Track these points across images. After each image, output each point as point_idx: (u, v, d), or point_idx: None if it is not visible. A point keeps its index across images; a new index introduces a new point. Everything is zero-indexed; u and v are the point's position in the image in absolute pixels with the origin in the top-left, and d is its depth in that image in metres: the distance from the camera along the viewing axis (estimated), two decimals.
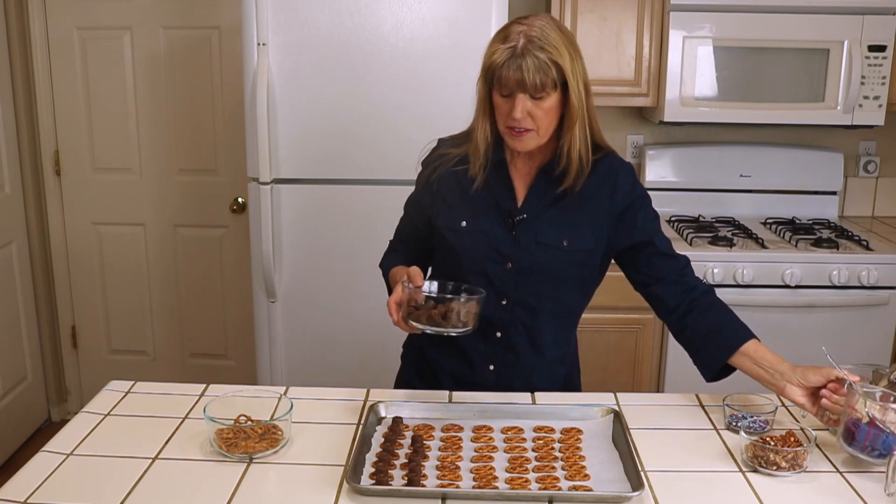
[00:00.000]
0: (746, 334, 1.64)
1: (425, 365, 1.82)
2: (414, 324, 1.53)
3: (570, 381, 1.85)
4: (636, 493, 1.29)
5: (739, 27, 2.90)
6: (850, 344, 2.81)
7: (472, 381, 1.74)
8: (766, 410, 1.54)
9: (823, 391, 1.50)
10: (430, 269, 1.84)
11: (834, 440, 1.49)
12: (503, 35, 1.54)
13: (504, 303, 1.70)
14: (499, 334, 1.72)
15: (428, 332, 1.52)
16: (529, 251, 1.67)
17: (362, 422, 1.56)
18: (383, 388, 1.75)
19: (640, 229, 1.70)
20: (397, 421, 1.55)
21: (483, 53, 1.58)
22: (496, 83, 1.55)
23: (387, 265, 1.82)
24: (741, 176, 3.30)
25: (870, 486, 1.35)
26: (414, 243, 1.82)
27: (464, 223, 1.69)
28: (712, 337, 1.65)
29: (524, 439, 1.51)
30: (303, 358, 2.79)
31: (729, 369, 1.65)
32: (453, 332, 1.52)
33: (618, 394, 1.71)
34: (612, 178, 1.68)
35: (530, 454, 1.46)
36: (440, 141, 1.77)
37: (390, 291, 1.73)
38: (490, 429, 1.54)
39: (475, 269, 1.68)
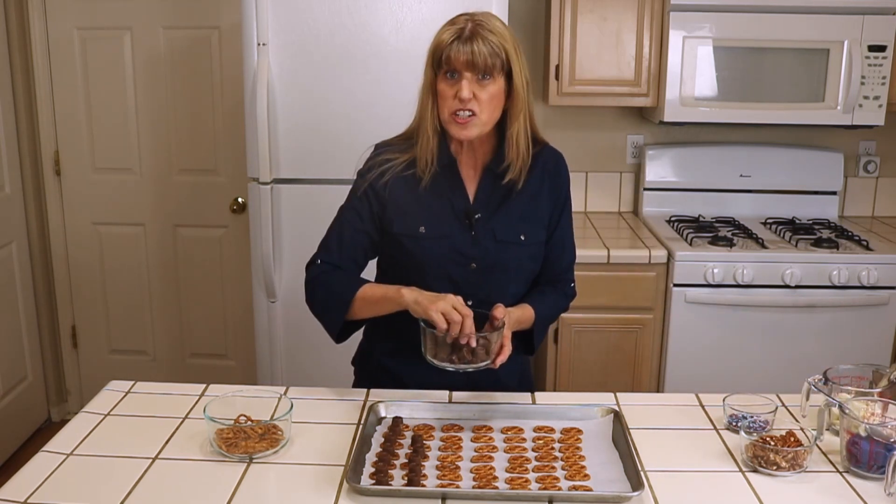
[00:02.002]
0: (530, 302, 1.72)
1: (388, 380, 1.77)
2: (438, 363, 1.51)
3: (524, 370, 1.87)
4: (636, 493, 1.29)
5: (739, 27, 2.90)
6: (850, 344, 2.81)
7: (443, 384, 1.70)
8: (766, 410, 1.54)
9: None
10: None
11: (834, 440, 1.49)
12: (450, 23, 1.59)
13: (469, 303, 1.69)
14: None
15: (449, 369, 1.51)
16: (490, 249, 1.68)
17: (362, 422, 1.56)
18: (383, 388, 1.75)
19: (562, 225, 1.77)
20: (397, 421, 1.55)
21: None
22: (444, 64, 1.57)
23: (347, 288, 1.67)
24: (741, 176, 3.30)
25: (870, 487, 1.35)
26: (356, 252, 1.73)
27: (422, 229, 1.68)
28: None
29: (524, 439, 1.51)
30: (303, 358, 2.79)
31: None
32: (471, 367, 1.51)
33: (618, 394, 1.71)
34: (555, 168, 1.75)
35: (530, 454, 1.46)
36: (378, 147, 1.75)
37: (343, 327, 1.68)
38: (490, 429, 1.54)
39: (440, 275, 1.68)
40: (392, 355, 1.76)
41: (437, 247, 1.68)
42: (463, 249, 1.68)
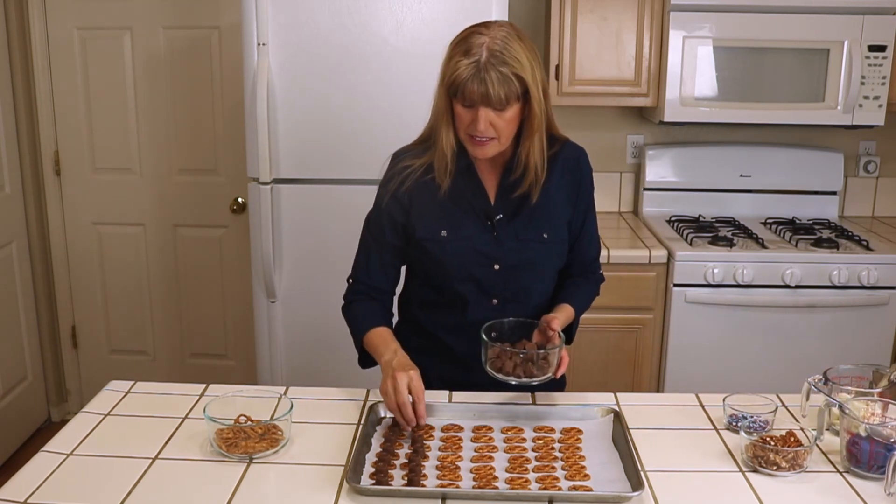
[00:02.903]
0: (567, 300, 1.74)
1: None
2: (502, 377, 1.53)
3: None
4: (636, 493, 1.29)
5: (739, 27, 2.90)
6: (850, 344, 2.81)
7: (469, 384, 1.72)
8: (766, 410, 1.54)
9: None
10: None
11: (834, 440, 1.49)
12: (465, 48, 1.54)
13: (495, 302, 1.70)
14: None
15: (513, 383, 1.53)
16: (513, 249, 1.68)
17: (362, 422, 1.56)
18: None
19: (588, 219, 1.78)
20: (397, 421, 1.55)
21: (442, 60, 1.58)
22: (459, 96, 1.55)
23: (360, 326, 1.73)
24: (741, 176, 3.30)
25: (870, 487, 1.36)
26: (384, 267, 1.76)
27: (444, 232, 1.68)
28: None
29: (524, 439, 1.51)
30: (303, 358, 2.79)
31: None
32: (535, 381, 1.54)
33: (618, 394, 1.71)
34: (576, 165, 1.75)
35: (530, 454, 1.46)
36: (397, 155, 1.75)
37: (364, 356, 1.74)
38: (490, 429, 1.54)
39: (463, 276, 1.69)
40: (422, 354, 1.76)
41: (460, 249, 1.68)
42: (485, 251, 1.68)
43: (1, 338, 3.22)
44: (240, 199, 3.39)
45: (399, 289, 1.85)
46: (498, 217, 1.68)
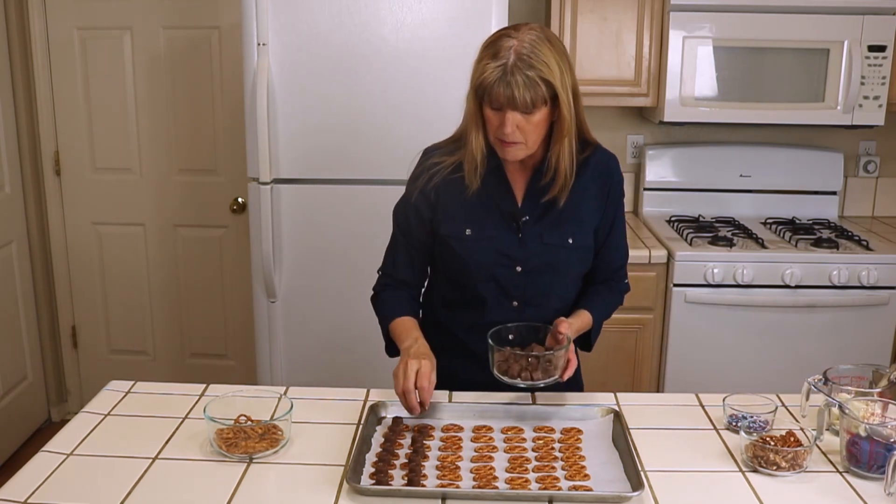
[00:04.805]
0: (587, 307, 1.75)
1: (439, 376, 1.77)
2: (508, 381, 1.54)
3: (574, 375, 1.85)
4: (636, 493, 1.29)
5: (739, 27, 2.90)
6: (850, 344, 2.81)
7: (489, 383, 1.70)
8: (766, 410, 1.54)
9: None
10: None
11: (834, 440, 1.49)
12: (493, 51, 1.54)
13: (515, 304, 1.70)
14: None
15: (521, 386, 1.54)
16: (537, 252, 1.68)
17: (362, 422, 1.56)
18: (383, 388, 1.75)
19: (616, 227, 1.77)
20: (397, 421, 1.55)
21: (473, 62, 1.58)
22: (486, 99, 1.55)
23: (387, 315, 1.75)
24: (741, 176, 3.30)
25: (870, 487, 1.36)
26: (411, 259, 1.78)
27: (468, 231, 1.69)
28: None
29: (524, 439, 1.51)
30: (303, 358, 2.79)
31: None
32: (542, 383, 1.54)
33: (618, 394, 1.71)
34: (606, 174, 1.74)
35: (530, 454, 1.46)
36: (427, 151, 1.75)
37: (390, 345, 1.75)
38: (490, 429, 1.54)
39: (484, 276, 1.69)
40: (444, 352, 1.76)
41: (483, 249, 1.68)
42: (508, 252, 1.68)
43: (1, 338, 3.22)
44: (240, 199, 3.39)
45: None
46: (524, 219, 1.68)
